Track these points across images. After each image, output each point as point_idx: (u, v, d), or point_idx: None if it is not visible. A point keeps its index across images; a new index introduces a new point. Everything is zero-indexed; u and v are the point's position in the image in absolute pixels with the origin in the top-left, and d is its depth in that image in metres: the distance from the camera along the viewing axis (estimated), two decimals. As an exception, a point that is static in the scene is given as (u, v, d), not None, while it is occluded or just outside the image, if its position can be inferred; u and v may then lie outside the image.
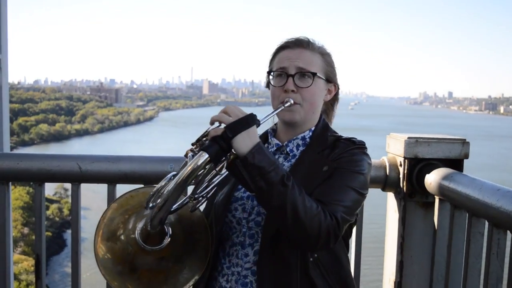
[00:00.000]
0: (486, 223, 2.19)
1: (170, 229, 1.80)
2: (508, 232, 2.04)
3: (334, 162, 1.86)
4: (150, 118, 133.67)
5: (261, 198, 1.71)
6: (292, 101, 1.92)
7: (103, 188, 2.71)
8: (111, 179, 2.69)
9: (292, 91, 1.93)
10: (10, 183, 2.78)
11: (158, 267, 1.83)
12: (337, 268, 1.93)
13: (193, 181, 1.65)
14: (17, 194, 35.01)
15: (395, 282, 2.76)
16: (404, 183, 2.68)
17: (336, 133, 2.03)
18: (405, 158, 2.66)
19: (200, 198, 1.77)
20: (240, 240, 1.93)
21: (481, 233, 2.27)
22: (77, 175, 2.66)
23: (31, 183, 2.78)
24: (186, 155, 1.70)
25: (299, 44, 2.00)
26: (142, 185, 2.63)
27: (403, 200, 2.70)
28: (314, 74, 1.95)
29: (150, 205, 1.70)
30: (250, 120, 1.69)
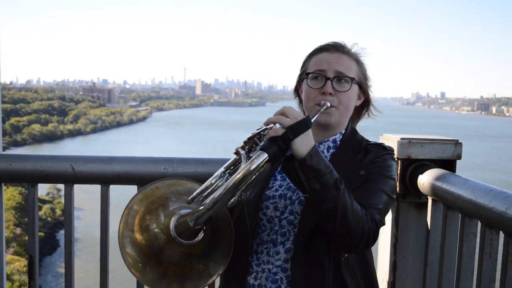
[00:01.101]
0: (479, 223, 2.19)
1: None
2: (501, 232, 2.04)
3: (370, 166, 1.92)
4: (143, 118, 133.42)
5: (314, 200, 1.73)
6: (329, 104, 1.96)
7: (96, 188, 2.70)
8: (105, 180, 2.68)
9: (330, 94, 1.97)
10: (3, 184, 2.76)
11: (185, 261, 1.83)
12: (363, 267, 1.99)
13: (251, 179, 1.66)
14: (9, 195, 34.88)
15: (388, 282, 2.77)
16: (397, 184, 2.68)
17: (363, 137, 2.10)
18: (398, 159, 2.66)
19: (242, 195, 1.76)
20: (272, 238, 1.95)
21: (474, 234, 2.28)
22: (70, 176, 2.65)
23: (24, 184, 2.76)
24: (236, 153, 1.73)
25: (339, 48, 2.05)
26: (135, 185, 2.63)
27: (396, 201, 2.70)
28: (352, 79, 2.00)
29: (195, 200, 1.71)
30: (309, 123, 1.72)
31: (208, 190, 1.71)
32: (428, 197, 2.61)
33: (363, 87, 2.10)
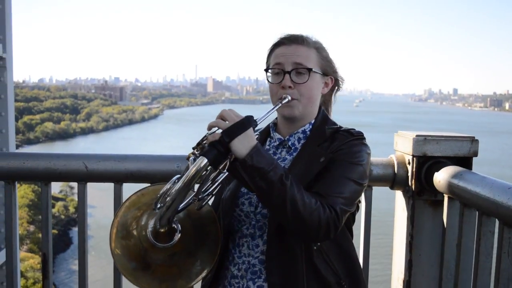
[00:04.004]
0: (497, 221, 2.16)
1: (179, 226, 1.87)
2: (520, 231, 2.01)
3: (332, 154, 1.93)
4: (155, 116, 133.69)
5: (262, 197, 1.80)
6: (289, 97, 1.98)
7: (108, 185, 2.70)
8: (118, 178, 2.68)
9: (289, 87, 1.99)
10: (16, 182, 2.77)
11: (171, 262, 1.90)
12: (340, 255, 2.01)
13: (197, 182, 1.72)
14: (23, 192, 35.14)
15: (404, 281, 2.74)
16: (413, 181, 2.65)
17: (336, 124, 2.09)
18: (413, 156, 2.64)
19: (206, 196, 1.83)
20: (250, 232, 2.02)
21: (492, 232, 2.24)
22: (84, 174, 2.65)
23: (37, 182, 2.77)
24: (188, 158, 1.78)
25: (294, 40, 2.05)
26: (148, 184, 2.62)
27: (412, 199, 2.68)
28: (309, 70, 2.00)
29: (158, 205, 1.76)
30: (246, 123, 1.75)
31: (166, 194, 1.76)
32: (444, 194, 2.57)
33: (329, 73, 2.09)
